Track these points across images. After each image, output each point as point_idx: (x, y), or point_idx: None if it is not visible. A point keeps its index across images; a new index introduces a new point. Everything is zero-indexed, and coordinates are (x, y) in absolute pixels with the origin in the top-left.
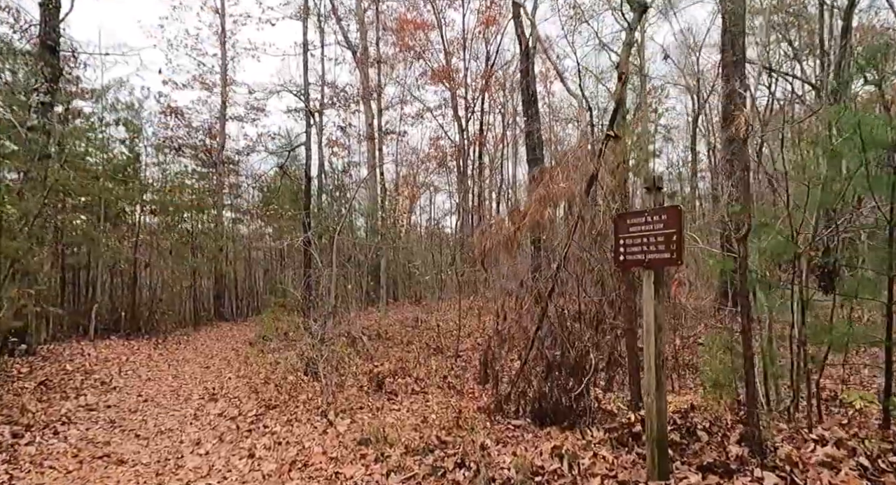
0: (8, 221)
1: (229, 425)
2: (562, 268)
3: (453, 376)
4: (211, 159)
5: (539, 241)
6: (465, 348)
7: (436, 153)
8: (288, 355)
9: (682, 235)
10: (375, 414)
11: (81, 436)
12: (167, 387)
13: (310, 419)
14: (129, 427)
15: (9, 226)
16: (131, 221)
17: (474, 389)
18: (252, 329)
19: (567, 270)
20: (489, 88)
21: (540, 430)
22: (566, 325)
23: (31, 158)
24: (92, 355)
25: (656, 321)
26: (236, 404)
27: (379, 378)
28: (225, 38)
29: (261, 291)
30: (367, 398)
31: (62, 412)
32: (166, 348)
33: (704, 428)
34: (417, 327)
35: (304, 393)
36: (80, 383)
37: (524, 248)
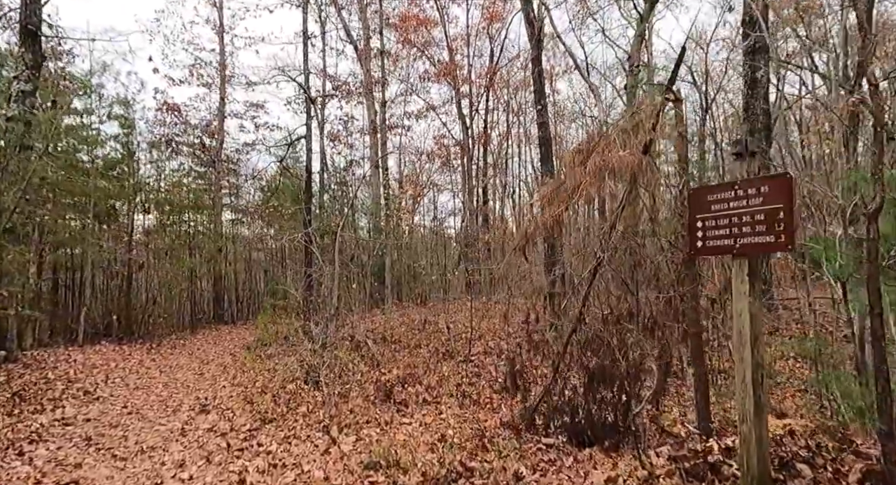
0: None
1: (219, 443)
2: (605, 259)
3: (467, 383)
4: (209, 158)
5: (574, 230)
6: (477, 353)
7: (440, 151)
8: (287, 361)
9: (793, 212)
10: (384, 429)
11: (50, 457)
12: (156, 397)
13: (310, 436)
14: (107, 445)
15: None
16: (124, 221)
17: (492, 398)
18: (252, 333)
19: (612, 263)
20: (493, 86)
21: (578, 451)
22: (611, 328)
23: (10, 150)
24: (78, 362)
25: (753, 325)
26: (229, 418)
27: (387, 387)
28: (223, 32)
29: (261, 293)
30: (374, 410)
31: (33, 428)
32: (160, 354)
33: (806, 460)
34: (425, 330)
35: (303, 404)
36: (61, 393)
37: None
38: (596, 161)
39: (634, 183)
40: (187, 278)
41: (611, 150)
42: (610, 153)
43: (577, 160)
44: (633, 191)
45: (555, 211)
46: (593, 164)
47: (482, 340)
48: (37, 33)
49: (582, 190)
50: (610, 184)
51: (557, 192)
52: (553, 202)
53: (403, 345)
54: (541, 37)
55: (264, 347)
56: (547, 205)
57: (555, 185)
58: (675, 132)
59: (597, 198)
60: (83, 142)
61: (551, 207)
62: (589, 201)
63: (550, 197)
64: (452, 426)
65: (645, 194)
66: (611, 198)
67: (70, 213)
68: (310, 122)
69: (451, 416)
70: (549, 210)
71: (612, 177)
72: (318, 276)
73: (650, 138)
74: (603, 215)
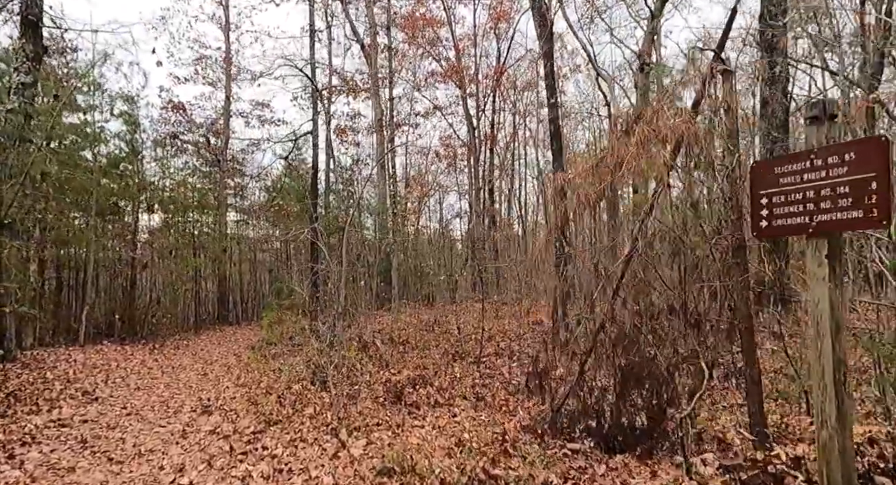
0: None
1: (221, 446)
2: (640, 248)
3: (480, 385)
4: (214, 157)
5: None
6: (488, 354)
7: (446, 152)
8: (293, 362)
9: (889, 181)
10: (396, 432)
11: (42, 460)
12: (157, 397)
13: (317, 439)
14: (103, 448)
15: None
16: (127, 219)
17: (507, 400)
18: (256, 334)
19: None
20: (500, 86)
21: (608, 457)
22: (647, 323)
23: (10, 143)
24: (79, 362)
25: (833, 315)
26: (232, 419)
27: (397, 388)
28: (229, 30)
29: (266, 294)
30: (385, 412)
31: (27, 430)
32: (163, 354)
33: (887, 471)
34: (433, 331)
35: (310, 405)
36: (58, 393)
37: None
38: (643, 130)
39: (689, 152)
40: (192, 279)
41: (659, 118)
42: (659, 121)
43: (619, 130)
44: (687, 164)
45: (596, 187)
46: (641, 133)
47: (492, 341)
48: (37, 24)
49: (627, 163)
50: (663, 154)
51: (597, 167)
52: (593, 178)
53: (412, 346)
54: (552, 30)
55: (269, 347)
56: (585, 181)
57: (594, 159)
58: (722, 105)
59: (642, 171)
60: (86, 139)
61: (591, 183)
62: (639, 175)
63: (589, 172)
64: (468, 430)
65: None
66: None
67: (73, 211)
68: (316, 117)
69: (466, 418)
70: (586, 188)
71: (662, 147)
72: (324, 273)
73: (698, 99)
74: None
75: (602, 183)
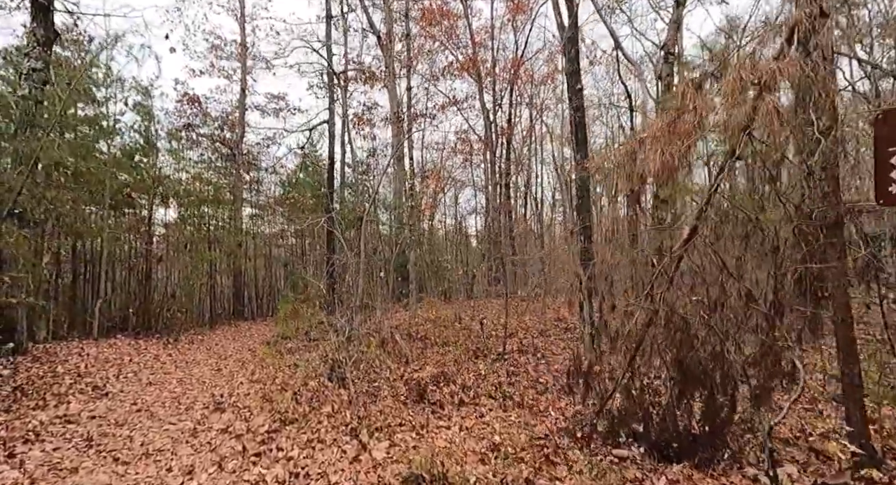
0: None
1: (234, 446)
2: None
3: (507, 383)
4: (230, 151)
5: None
6: (510, 350)
7: (462, 147)
8: (309, 357)
9: None
10: (420, 434)
11: (44, 459)
12: (168, 393)
13: (336, 440)
14: (109, 447)
15: None
16: (143, 213)
17: (537, 400)
18: (271, 329)
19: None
20: (518, 79)
21: (664, 467)
22: (713, 314)
23: (20, 128)
24: (91, 356)
25: None
26: (245, 417)
27: (420, 386)
28: (245, 22)
29: (281, 289)
30: (407, 411)
31: (31, 426)
32: (177, 349)
33: None
34: (452, 327)
35: (328, 403)
36: (67, 387)
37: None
38: (736, 76)
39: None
40: (207, 273)
41: (753, 64)
42: (754, 66)
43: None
44: (798, 110)
45: (674, 148)
46: (734, 79)
47: (515, 337)
48: (48, 8)
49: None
50: (770, 99)
51: (674, 125)
52: (669, 138)
53: (431, 342)
54: (576, 14)
55: (284, 342)
56: (659, 143)
57: (669, 117)
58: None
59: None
60: (101, 131)
61: (667, 144)
62: (734, 130)
63: (663, 134)
64: (499, 432)
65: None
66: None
67: (88, 203)
68: (332, 106)
69: (495, 419)
70: (661, 150)
71: (762, 94)
72: (341, 265)
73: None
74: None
75: (687, 141)
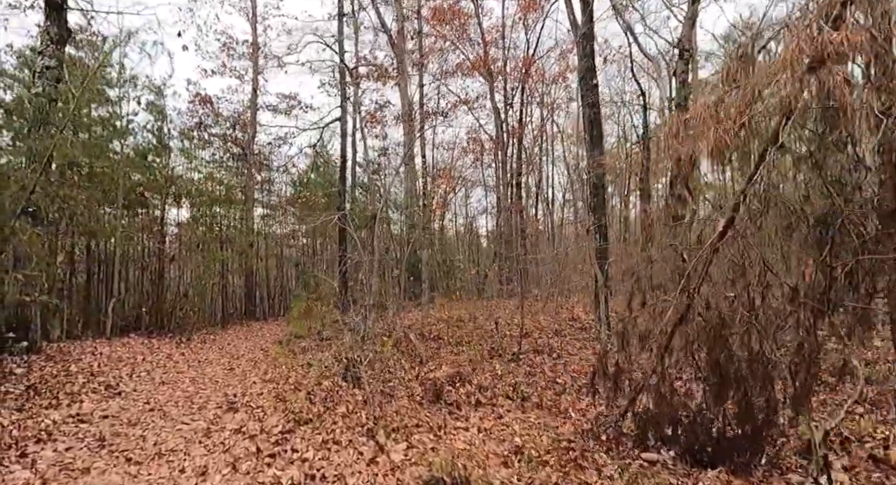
0: None
1: (247, 447)
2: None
3: (526, 383)
4: (241, 151)
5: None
6: (526, 350)
7: (472, 147)
8: (322, 356)
9: None
10: (438, 435)
11: (56, 460)
12: (181, 392)
13: (352, 441)
14: (122, 447)
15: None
16: (156, 213)
17: (556, 401)
18: (283, 329)
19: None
20: (529, 78)
21: (699, 472)
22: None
23: (34, 126)
24: (104, 355)
25: None
26: (259, 417)
27: (436, 386)
28: (256, 22)
29: (292, 290)
30: (423, 412)
31: (43, 426)
32: (190, 348)
33: None
34: (465, 326)
35: (342, 403)
36: (80, 386)
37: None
38: (796, 47)
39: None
40: (218, 273)
41: (814, 34)
42: (815, 37)
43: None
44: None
45: (731, 124)
46: (793, 49)
47: (530, 337)
48: (62, 6)
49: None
50: (837, 73)
51: (720, 104)
52: (718, 117)
53: (444, 342)
54: (592, 9)
55: (297, 341)
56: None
57: (716, 95)
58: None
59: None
60: (114, 132)
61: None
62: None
63: (713, 110)
64: (519, 433)
65: None
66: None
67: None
68: (344, 103)
69: (514, 421)
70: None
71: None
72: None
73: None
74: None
75: (740, 118)
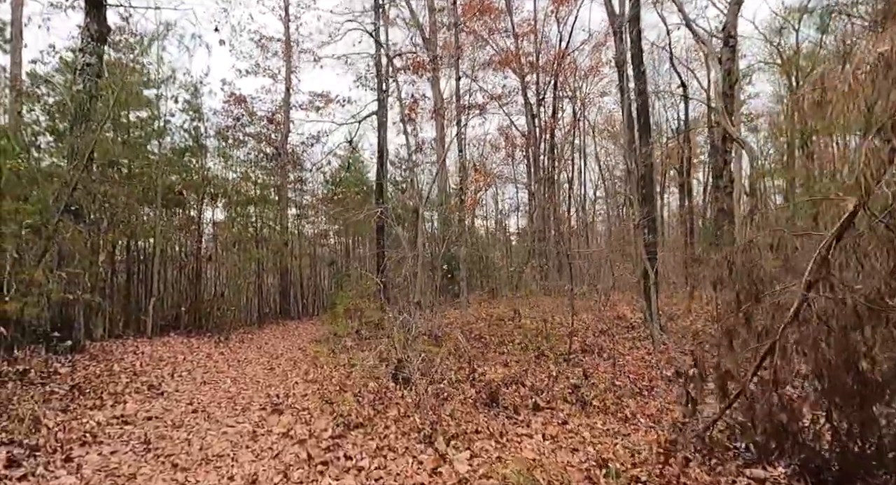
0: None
1: (298, 453)
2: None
3: (588, 385)
4: (275, 150)
5: None
6: (574, 350)
7: (504, 143)
8: (363, 356)
9: None
10: (500, 442)
11: (101, 464)
12: (224, 393)
13: (409, 448)
14: (167, 451)
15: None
16: (193, 213)
17: (619, 405)
18: (319, 328)
19: None
20: (562, 72)
21: None
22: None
23: (76, 123)
24: (145, 354)
25: None
26: (306, 420)
27: (490, 388)
28: (289, 21)
29: (326, 289)
30: (480, 416)
31: (88, 427)
32: (228, 347)
33: None
34: (506, 325)
35: (393, 406)
36: (124, 386)
37: None
38: None
39: None
40: (254, 272)
41: None
42: None
43: None
44: None
45: None
46: None
47: (576, 336)
48: (101, 3)
49: None
50: None
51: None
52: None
53: (486, 341)
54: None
55: (337, 339)
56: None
57: None
58: None
59: None
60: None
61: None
62: None
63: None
64: (590, 442)
65: None
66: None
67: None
68: (381, 96)
69: (581, 427)
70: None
71: None
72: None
73: None
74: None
75: None
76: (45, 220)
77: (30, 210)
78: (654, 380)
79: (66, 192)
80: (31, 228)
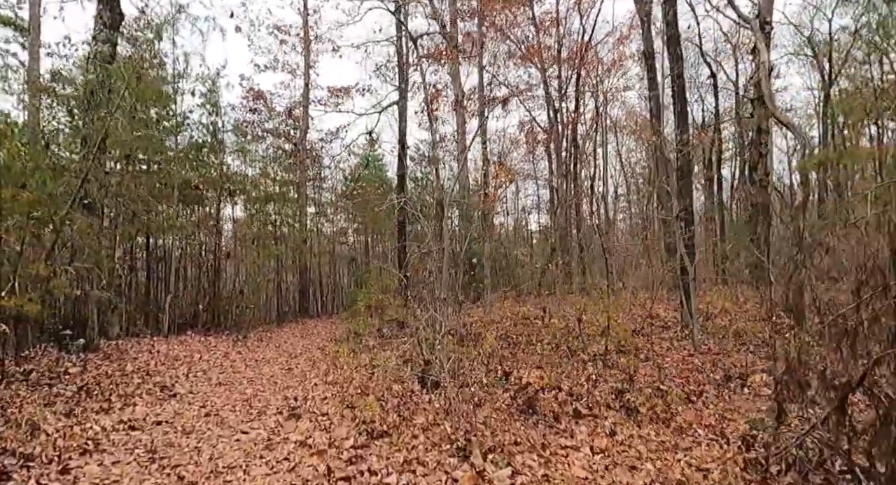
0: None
1: (316, 466)
2: None
3: (633, 390)
4: (294, 146)
5: None
6: (608, 351)
7: (525, 138)
8: (385, 356)
9: None
10: (543, 456)
11: (100, 477)
12: (239, 395)
13: (441, 462)
14: (174, 461)
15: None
16: (211, 210)
17: (669, 412)
18: (338, 326)
19: None
20: (586, 64)
21: None
22: None
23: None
24: (161, 353)
25: None
26: (325, 427)
27: (527, 393)
28: (307, 14)
29: (345, 287)
30: (517, 425)
31: (91, 433)
32: (246, 346)
33: None
34: (533, 324)
35: (420, 413)
36: (135, 388)
37: None
38: None
39: None
40: (273, 270)
41: None
42: None
43: None
44: None
45: None
46: None
47: (612, 336)
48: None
49: None
50: None
51: None
52: None
53: (513, 341)
54: None
55: (358, 338)
56: None
57: None
58: None
59: None
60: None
61: None
62: None
63: None
64: (647, 457)
65: None
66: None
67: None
68: (403, 85)
69: (632, 438)
70: None
71: None
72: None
73: None
74: None
75: None
76: (53, 211)
77: (29, 198)
78: (702, 384)
79: (77, 183)
80: (38, 220)
